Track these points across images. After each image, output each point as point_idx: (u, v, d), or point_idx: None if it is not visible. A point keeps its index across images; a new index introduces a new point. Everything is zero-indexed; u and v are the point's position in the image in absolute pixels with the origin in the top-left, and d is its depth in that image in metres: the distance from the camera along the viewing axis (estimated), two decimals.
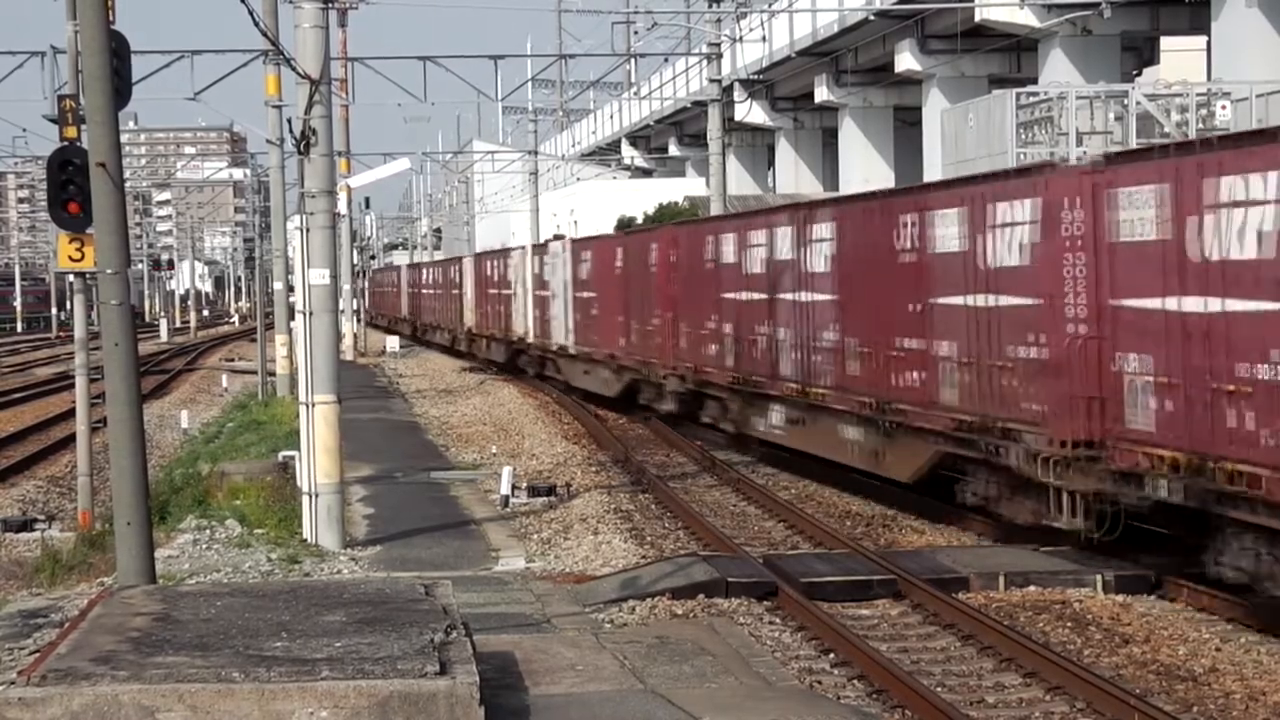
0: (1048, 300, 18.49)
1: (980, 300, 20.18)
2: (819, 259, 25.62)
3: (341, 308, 46.55)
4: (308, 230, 21.05)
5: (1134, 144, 38.18)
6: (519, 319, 51.55)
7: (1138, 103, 39.92)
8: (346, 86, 56.75)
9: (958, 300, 20.71)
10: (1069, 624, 16.47)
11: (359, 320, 75.50)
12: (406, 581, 14.41)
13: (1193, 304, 15.97)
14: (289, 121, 21.50)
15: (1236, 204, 15.34)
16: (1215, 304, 15.56)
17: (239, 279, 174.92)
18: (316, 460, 20.83)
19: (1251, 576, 15.68)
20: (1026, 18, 51.12)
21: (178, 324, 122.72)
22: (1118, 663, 14.97)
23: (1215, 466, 15.47)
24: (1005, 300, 19.53)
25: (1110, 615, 16.77)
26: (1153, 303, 16.58)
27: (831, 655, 15.30)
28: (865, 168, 66.47)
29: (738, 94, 66.74)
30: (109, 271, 14.40)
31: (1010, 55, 57.33)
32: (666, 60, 76.35)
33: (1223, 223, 15.46)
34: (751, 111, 69.65)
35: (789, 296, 26.77)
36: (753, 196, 70.28)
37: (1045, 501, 18.48)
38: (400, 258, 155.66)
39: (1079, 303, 17.93)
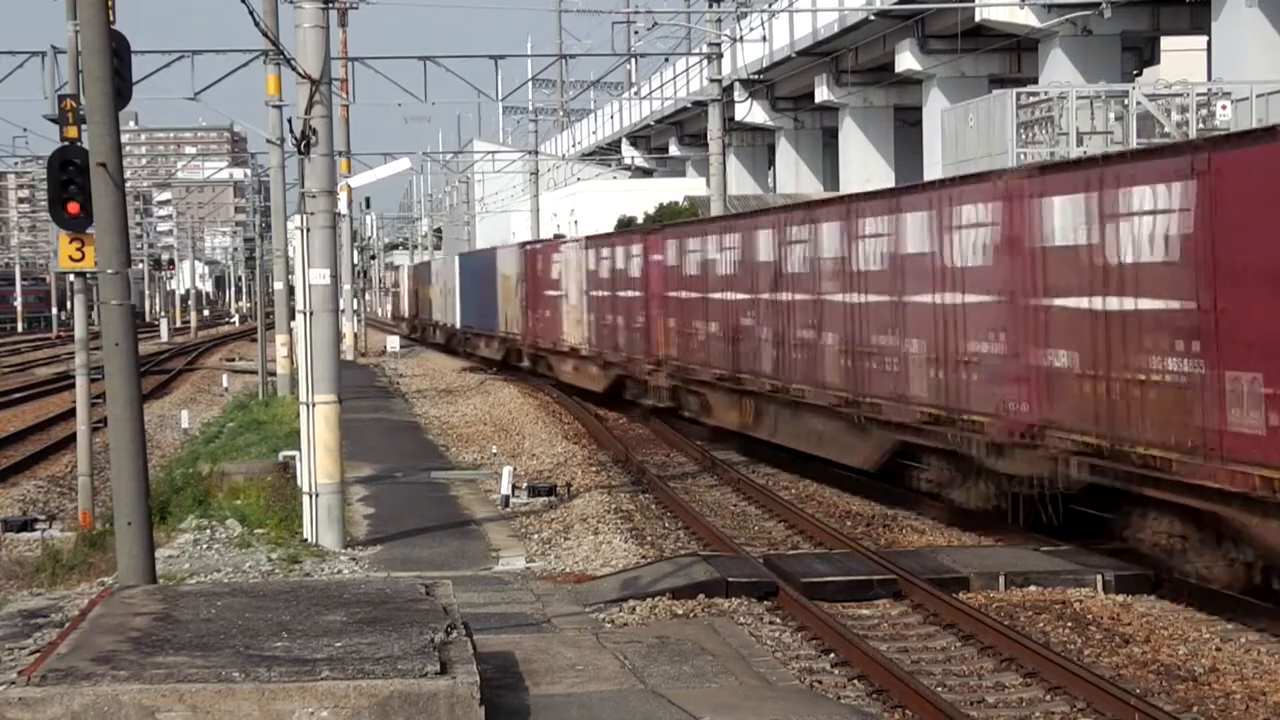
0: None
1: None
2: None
3: (342, 307, 46.42)
4: (308, 230, 21.05)
5: (1134, 144, 38.21)
6: None
7: (1138, 103, 39.94)
8: (346, 86, 56.96)
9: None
10: (1069, 624, 16.47)
11: (359, 320, 75.49)
12: (407, 581, 14.41)
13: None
14: (289, 121, 21.51)
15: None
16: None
17: (239, 279, 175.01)
18: (317, 460, 20.84)
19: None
20: (1027, 18, 51.13)
21: (178, 324, 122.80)
22: (1118, 663, 14.98)
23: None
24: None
25: (1110, 615, 16.78)
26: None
27: (832, 655, 15.30)
28: (865, 168, 66.51)
29: (738, 94, 66.78)
30: (109, 271, 14.40)
31: (1010, 55, 57.35)
32: (667, 60, 76.37)
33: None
34: (752, 111, 69.71)
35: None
36: (753, 196, 70.32)
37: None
38: (400, 257, 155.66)
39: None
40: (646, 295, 36.74)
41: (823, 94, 67.45)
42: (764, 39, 56.63)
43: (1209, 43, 46.85)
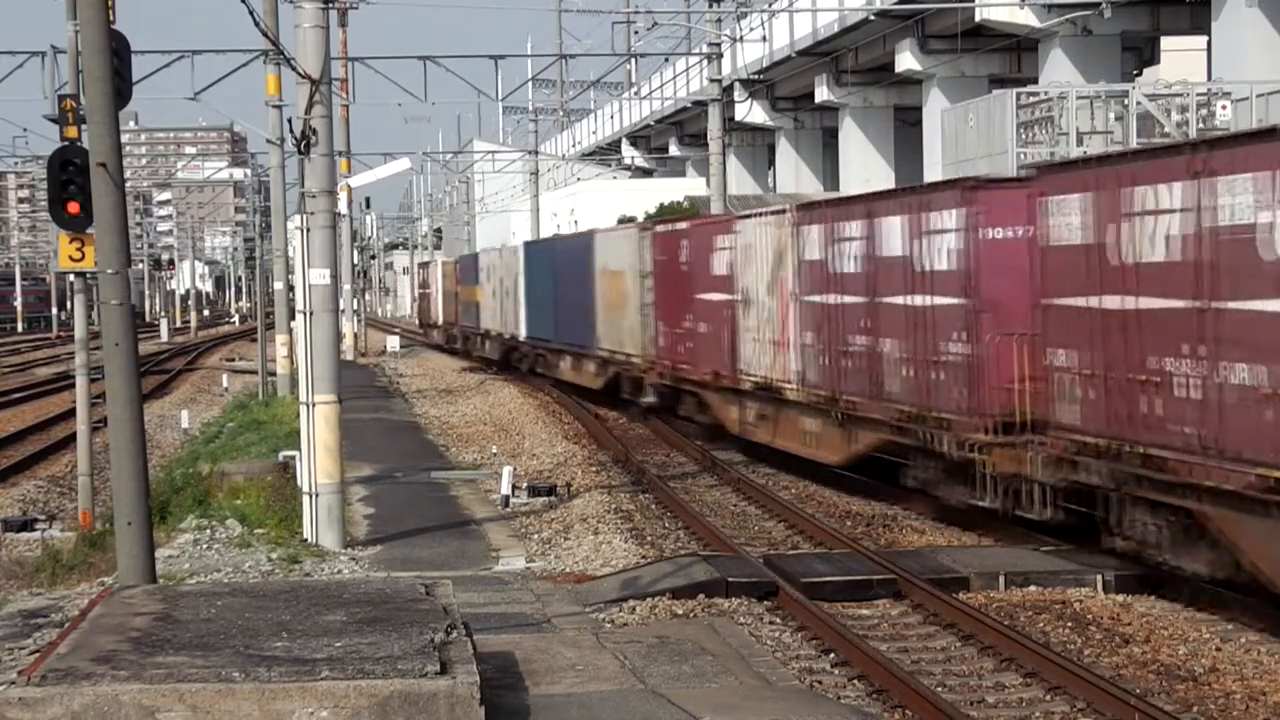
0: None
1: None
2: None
3: (342, 307, 46.16)
4: (308, 230, 21.06)
5: (1134, 144, 38.20)
6: None
7: (1138, 103, 39.92)
8: (346, 86, 56.93)
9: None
10: (1069, 624, 16.48)
11: (359, 320, 75.34)
12: (407, 581, 14.41)
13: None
14: (289, 121, 21.52)
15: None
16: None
17: (239, 279, 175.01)
18: (317, 460, 20.84)
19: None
20: (1027, 18, 51.12)
21: (178, 324, 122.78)
22: (1118, 663, 14.98)
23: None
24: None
25: (1110, 615, 16.78)
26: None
27: (832, 655, 15.31)
28: (865, 168, 66.50)
29: (738, 94, 66.76)
30: (109, 271, 14.40)
31: (1010, 55, 57.34)
32: (667, 60, 76.40)
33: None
34: (752, 111, 69.69)
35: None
36: (753, 196, 70.35)
37: None
38: (400, 258, 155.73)
39: None
40: (974, 304, 21.19)
41: (823, 94, 67.44)
42: (764, 39, 56.60)
43: (1209, 43, 46.83)
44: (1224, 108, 39.56)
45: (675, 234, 34.83)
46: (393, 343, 79.06)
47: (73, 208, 21.07)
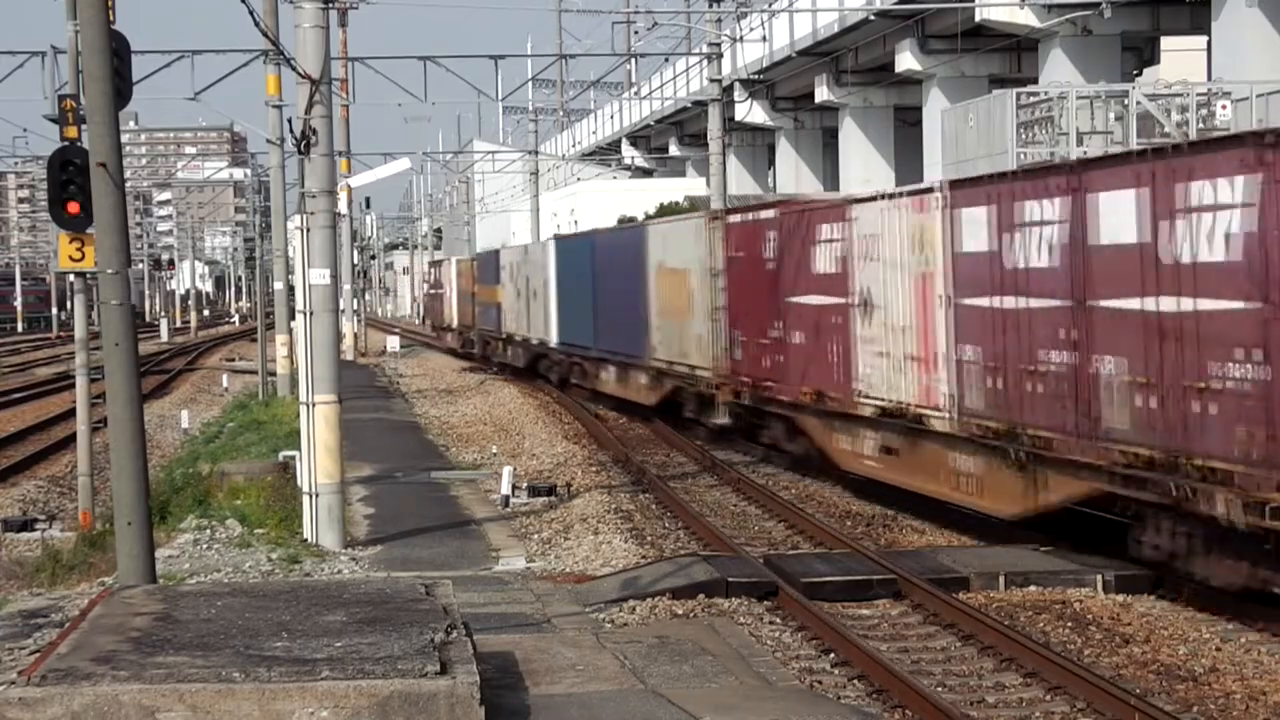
0: None
1: None
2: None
3: (342, 307, 45.87)
4: (308, 230, 21.06)
5: (1135, 144, 38.19)
6: None
7: (1138, 103, 39.92)
8: (346, 86, 56.97)
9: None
10: (1069, 624, 16.48)
11: (359, 320, 75.28)
12: (407, 581, 14.41)
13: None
14: (289, 121, 21.53)
15: None
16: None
17: (239, 279, 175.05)
18: (317, 460, 20.84)
19: None
20: (1027, 18, 51.12)
21: (178, 324, 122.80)
22: (1118, 663, 14.98)
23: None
24: None
25: (1110, 615, 16.78)
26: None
27: (832, 655, 15.31)
28: (865, 168, 66.49)
29: (738, 94, 66.79)
30: (109, 271, 14.40)
31: (1010, 55, 57.34)
32: (667, 60, 76.40)
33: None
34: (752, 111, 69.70)
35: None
36: (753, 196, 70.33)
37: None
38: (400, 258, 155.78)
39: None
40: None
41: (823, 94, 67.43)
42: (764, 39, 56.59)
43: (1209, 43, 46.83)
44: (1224, 108, 39.56)
45: (758, 224, 28.93)
46: (393, 343, 79.06)
47: (73, 208, 21.08)
